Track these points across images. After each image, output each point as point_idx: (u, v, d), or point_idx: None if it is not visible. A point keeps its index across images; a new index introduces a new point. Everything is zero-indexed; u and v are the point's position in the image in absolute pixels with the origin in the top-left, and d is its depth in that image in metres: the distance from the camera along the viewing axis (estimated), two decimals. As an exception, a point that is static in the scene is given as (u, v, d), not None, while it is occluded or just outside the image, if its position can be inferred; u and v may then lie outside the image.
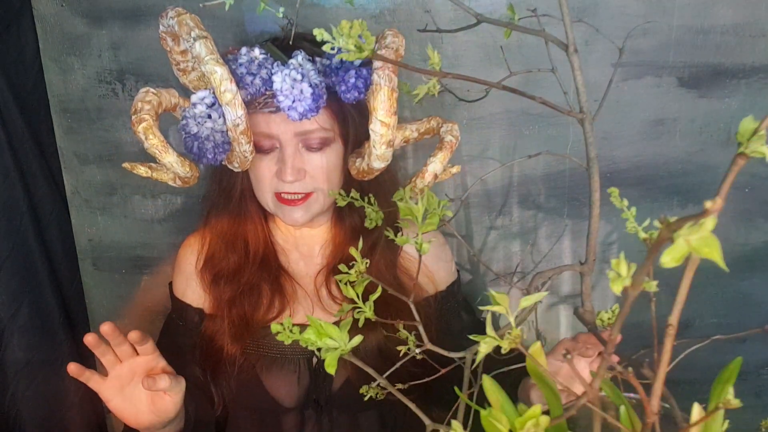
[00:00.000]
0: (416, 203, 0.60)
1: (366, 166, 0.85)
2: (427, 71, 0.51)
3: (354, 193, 0.71)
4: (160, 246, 1.23)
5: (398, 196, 0.63)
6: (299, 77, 0.78)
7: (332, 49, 0.43)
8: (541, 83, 1.07)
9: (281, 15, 0.69)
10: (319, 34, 0.42)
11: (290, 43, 0.83)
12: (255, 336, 0.95)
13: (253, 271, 0.96)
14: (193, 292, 1.00)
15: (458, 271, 1.10)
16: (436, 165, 0.86)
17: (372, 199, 0.71)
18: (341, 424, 0.98)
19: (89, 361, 1.21)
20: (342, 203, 0.75)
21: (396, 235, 0.64)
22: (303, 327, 1.01)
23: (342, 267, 0.61)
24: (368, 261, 0.64)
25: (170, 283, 1.06)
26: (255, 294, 0.95)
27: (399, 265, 0.99)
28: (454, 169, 0.92)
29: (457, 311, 1.06)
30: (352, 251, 0.64)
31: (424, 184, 0.87)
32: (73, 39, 1.11)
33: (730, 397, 0.38)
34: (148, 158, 1.20)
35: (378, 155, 0.80)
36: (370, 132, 0.79)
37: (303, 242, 1.00)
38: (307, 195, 0.89)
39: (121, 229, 1.22)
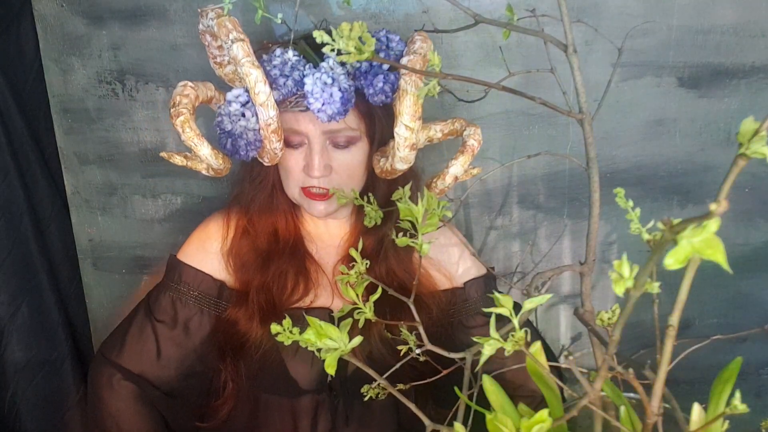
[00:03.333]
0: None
1: (389, 167, 0.88)
2: (428, 72, 0.51)
3: (354, 192, 0.71)
4: (160, 246, 1.23)
5: (397, 196, 0.63)
6: (330, 81, 0.81)
7: (332, 50, 0.43)
8: (540, 83, 1.07)
9: (279, 21, 0.69)
10: (318, 36, 0.42)
11: (291, 44, 0.84)
12: (278, 318, 0.97)
13: (283, 260, 0.98)
14: (214, 266, 1.01)
15: (489, 270, 1.05)
16: (457, 168, 0.89)
17: (372, 198, 0.72)
18: (355, 409, 1.00)
19: (89, 360, 1.21)
20: (342, 201, 0.76)
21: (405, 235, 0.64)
22: (323, 310, 0.99)
23: (342, 268, 0.61)
24: (368, 261, 0.64)
25: (172, 257, 1.03)
26: (282, 279, 0.98)
27: (414, 260, 1.00)
28: (475, 171, 0.94)
29: (471, 312, 1.03)
30: (352, 252, 0.64)
31: (444, 186, 0.90)
32: (73, 39, 1.11)
33: (737, 402, 0.38)
34: (147, 158, 1.21)
35: (401, 157, 0.84)
36: (395, 135, 0.82)
37: (327, 232, 1.03)
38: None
39: (121, 229, 1.22)
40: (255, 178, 0.98)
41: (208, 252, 1.01)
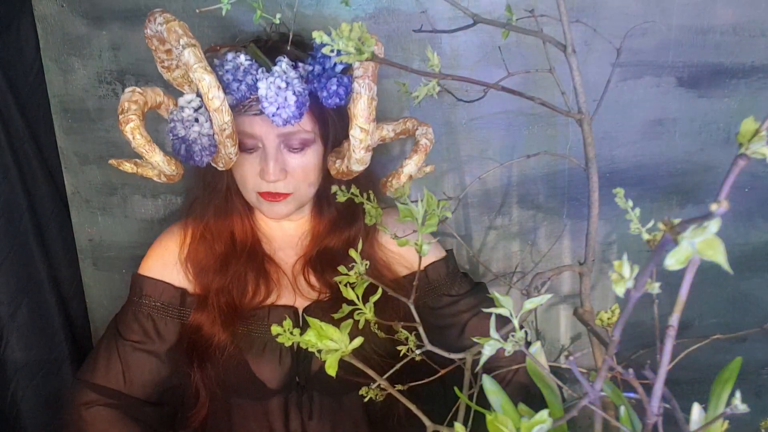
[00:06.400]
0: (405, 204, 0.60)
1: (345, 168, 0.89)
2: (427, 73, 0.51)
3: (354, 190, 0.72)
4: (160, 246, 1.22)
5: (399, 194, 0.63)
6: (284, 85, 0.81)
7: (331, 51, 0.43)
8: (540, 83, 1.07)
9: (278, 22, 0.69)
10: (318, 36, 0.42)
11: (267, 47, 0.85)
12: (242, 319, 0.99)
13: (240, 262, 0.99)
14: (173, 274, 1.02)
15: (448, 252, 1.08)
16: (410, 167, 0.91)
17: (372, 196, 0.72)
18: (324, 407, 1.01)
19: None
20: (342, 199, 0.75)
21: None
22: (288, 308, 1.01)
23: (341, 269, 0.61)
24: (368, 262, 0.64)
25: (134, 274, 1.04)
26: (242, 282, 0.99)
27: (376, 257, 1.02)
28: (428, 168, 0.96)
29: (437, 294, 1.05)
30: (352, 253, 0.64)
31: (399, 185, 0.92)
32: (73, 39, 1.11)
33: (737, 402, 0.38)
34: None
35: (357, 159, 0.85)
36: (351, 137, 0.83)
37: (284, 233, 1.04)
38: (288, 194, 0.93)
39: (121, 229, 1.22)
40: (209, 184, 0.99)
41: (167, 262, 1.02)
